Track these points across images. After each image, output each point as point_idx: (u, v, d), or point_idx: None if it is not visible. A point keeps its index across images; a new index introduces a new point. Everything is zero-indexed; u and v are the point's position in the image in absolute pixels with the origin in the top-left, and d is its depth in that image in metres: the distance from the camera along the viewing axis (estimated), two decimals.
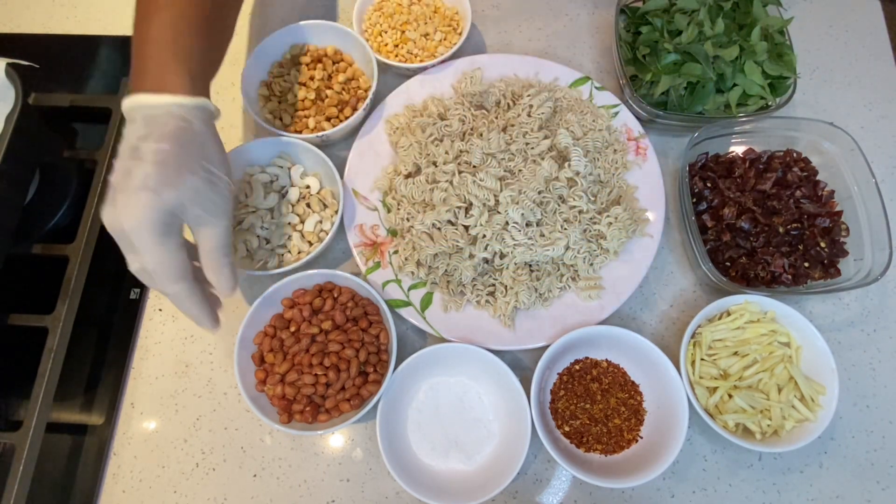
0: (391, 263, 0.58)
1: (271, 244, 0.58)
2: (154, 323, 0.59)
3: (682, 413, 0.50)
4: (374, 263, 0.58)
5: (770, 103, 0.61)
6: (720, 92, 0.61)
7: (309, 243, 0.58)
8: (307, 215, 0.59)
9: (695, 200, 0.60)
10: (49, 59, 0.70)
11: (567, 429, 0.53)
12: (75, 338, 0.54)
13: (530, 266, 0.57)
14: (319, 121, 0.62)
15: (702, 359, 0.54)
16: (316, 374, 0.52)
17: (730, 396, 0.52)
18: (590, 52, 0.70)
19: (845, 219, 0.58)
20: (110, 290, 0.60)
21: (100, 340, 0.58)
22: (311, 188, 0.60)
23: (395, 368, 0.52)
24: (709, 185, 0.60)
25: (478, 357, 0.53)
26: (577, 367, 0.55)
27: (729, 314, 0.55)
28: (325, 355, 0.52)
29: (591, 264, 0.57)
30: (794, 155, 0.61)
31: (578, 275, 0.57)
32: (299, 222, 0.59)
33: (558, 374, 0.55)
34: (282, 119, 0.62)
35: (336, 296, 0.55)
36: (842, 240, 0.58)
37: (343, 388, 0.52)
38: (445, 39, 0.67)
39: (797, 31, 0.68)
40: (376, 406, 0.51)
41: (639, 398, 0.54)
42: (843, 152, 0.58)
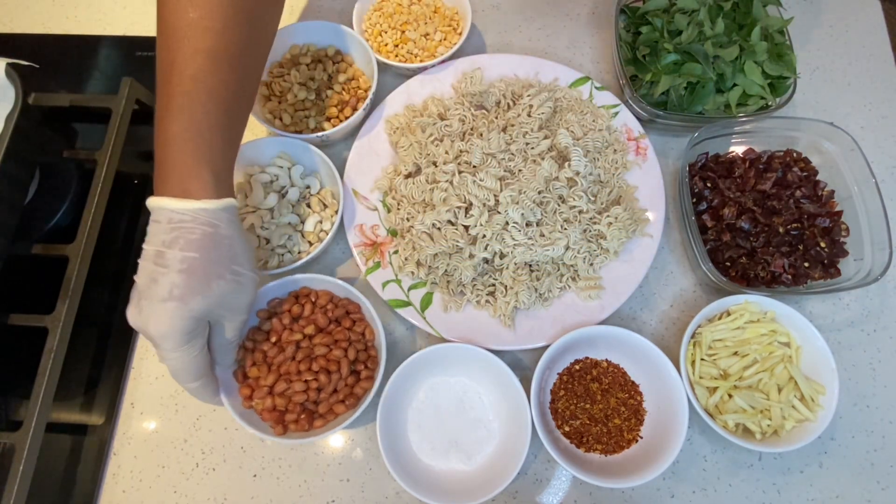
0: (391, 263, 0.58)
1: (271, 244, 0.58)
2: None
3: (682, 413, 0.50)
4: (374, 263, 0.58)
5: (770, 103, 0.61)
6: (720, 92, 0.61)
7: (309, 243, 0.58)
8: (307, 215, 0.59)
9: (695, 200, 0.60)
10: (49, 59, 0.70)
11: (567, 429, 0.53)
12: (75, 338, 0.54)
13: (530, 266, 0.57)
14: (319, 121, 0.62)
15: (702, 359, 0.54)
16: (306, 381, 0.51)
17: (730, 396, 0.52)
18: (590, 52, 0.70)
19: (845, 219, 0.58)
20: (110, 290, 0.60)
21: (100, 340, 0.58)
22: (311, 188, 0.60)
23: (395, 368, 0.52)
24: (709, 185, 0.60)
25: (478, 357, 0.53)
26: (577, 367, 0.55)
27: (729, 314, 0.55)
28: (313, 360, 0.51)
29: (591, 264, 0.57)
30: (794, 155, 0.61)
31: (578, 275, 0.57)
32: (299, 222, 0.59)
33: (558, 374, 0.55)
34: (282, 119, 0.62)
35: (314, 300, 0.55)
36: (842, 240, 0.58)
37: (335, 391, 0.51)
38: (445, 39, 0.67)
39: (797, 31, 0.68)
40: (373, 404, 0.51)
41: (639, 398, 0.54)
42: (843, 152, 0.58)
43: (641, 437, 0.53)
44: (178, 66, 0.44)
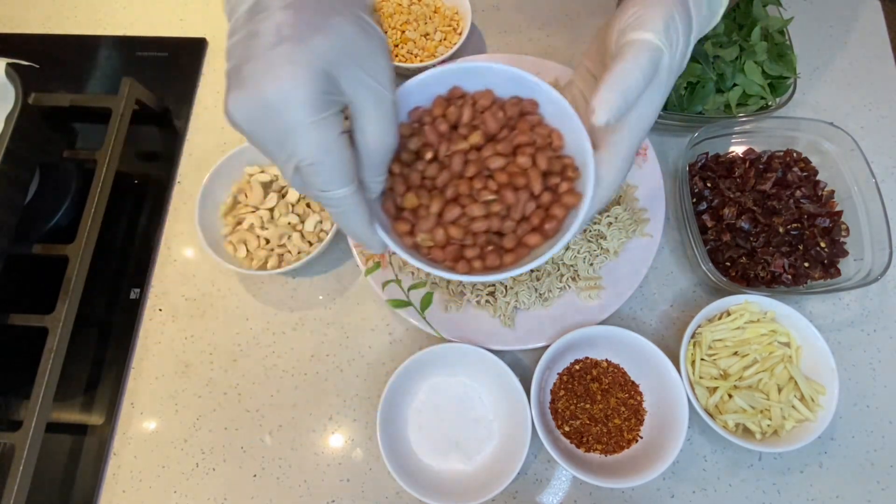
0: (391, 263, 0.58)
1: (271, 244, 0.58)
2: (154, 323, 0.59)
3: (682, 413, 0.50)
4: (374, 263, 0.58)
5: (770, 103, 0.61)
6: (720, 92, 0.61)
7: (309, 243, 0.58)
8: (307, 215, 0.59)
9: (695, 200, 0.60)
10: (49, 59, 0.70)
11: (567, 429, 0.53)
12: (75, 338, 0.54)
13: None
14: None
15: (702, 359, 0.54)
16: (486, 202, 0.38)
17: (730, 396, 0.52)
18: None
19: (845, 219, 0.58)
20: (110, 290, 0.60)
21: (100, 340, 0.58)
22: None
23: (395, 369, 0.52)
24: (709, 185, 0.60)
25: (478, 357, 0.53)
26: (577, 367, 0.55)
27: (729, 314, 0.55)
28: (489, 177, 0.38)
29: (591, 264, 0.57)
30: (794, 155, 0.61)
31: (578, 275, 0.57)
32: (299, 222, 0.59)
33: (558, 374, 0.55)
34: None
35: (472, 103, 0.41)
36: (842, 240, 0.58)
37: (525, 217, 0.39)
38: (445, 39, 0.67)
39: (797, 31, 0.68)
40: (374, 405, 0.51)
41: (639, 398, 0.54)
42: (843, 152, 0.58)
43: (641, 437, 0.53)
44: None
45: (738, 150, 0.62)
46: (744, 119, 0.60)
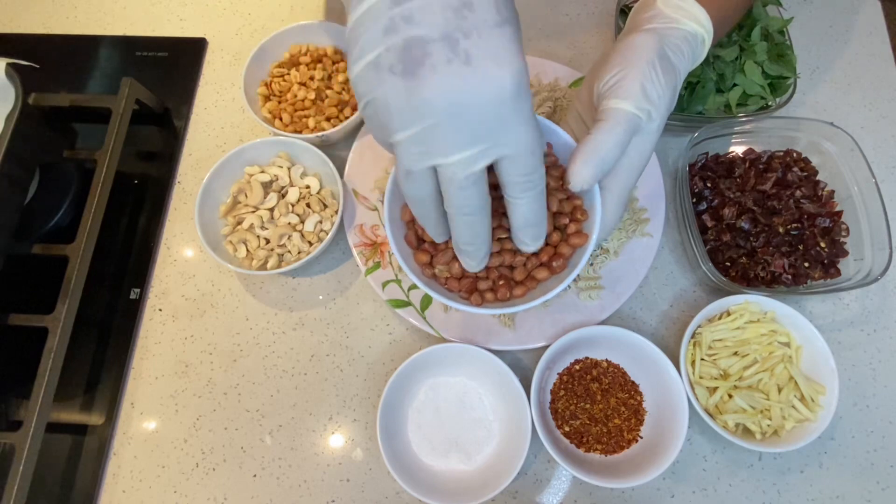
0: (391, 263, 0.58)
1: (271, 244, 0.58)
2: (154, 323, 0.59)
3: (682, 413, 0.50)
4: (374, 263, 0.58)
5: (770, 103, 0.61)
6: (720, 92, 0.61)
7: (309, 243, 0.58)
8: (307, 215, 0.59)
9: (695, 200, 0.60)
10: (49, 59, 0.70)
11: (567, 429, 0.53)
12: (75, 338, 0.54)
13: None
14: (319, 121, 0.62)
15: (702, 359, 0.54)
16: (500, 239, 0.41)
17: (730, 396, 0.52)
18: (590, 52, 0.70)
19: (845, 219, 0.58)
20: (110, 290, 0.60)
21: (100, 340, 0.58)
22: (311, 188, 0.60)
23: (395, 369, 0.52)
24: (709, 185, 0.60)
25: (478, 357, 0.53)
26: (577, 367, 0.55)
27: (729, 314, 0.55)
28: (504, 214, 0.40)
29: (591, 264, 0.57)
30: (794, 155, 0.61)
31: (578, 275, 0.57)
32: (299, 222, 0.59)
33: (558, 374, 0.55)
34: (282, 119, 0.62)
35: None
36: (842, 240, 0.58)
37: (534, 253, 0.42)
38: None
39: (797, 31, 0.68)
40: (374, 405, 0.51)
41: (639, 398, 0.54)
42: (843, 152, 0.58)
43: (641, 437, 0.53)
44: None
45: (738, 150, 0.62)
46: (744, 119, 0.60)
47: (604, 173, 0.41)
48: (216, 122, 0.68)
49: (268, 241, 0.58)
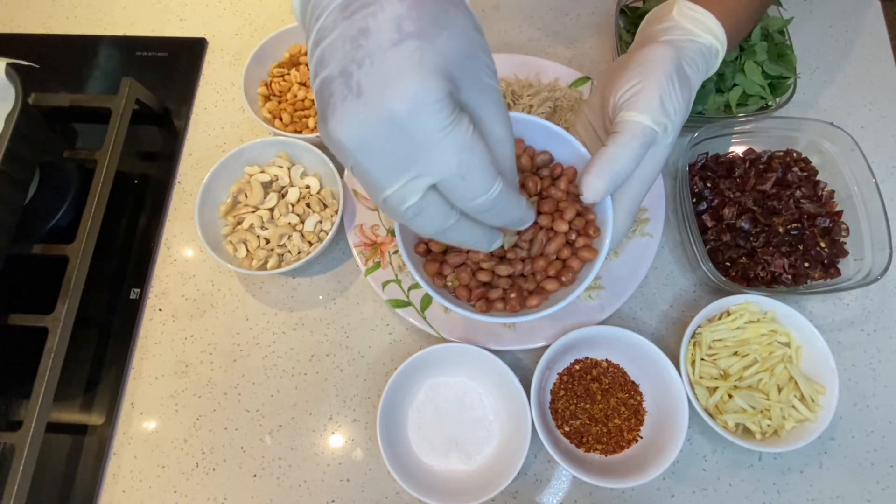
0: (391, 263, 0.58)
1: (271, 244, 0.58)
2: (154, 323, 0.59)
3: (682, 413, 0.50)
4: (374, 263, 0.58)
5: (770, 103, 0.61)
6: (720, 92, 0.61)
7: (309, 243, 0.58)
8: (307, 215, 0.59)
9: (695, 200, 0.60)
10: (49, 59, 0.70)
11: (567, 429, 0.53)
12: (75, 338, 0.54)
13: None
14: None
15: (702, 359, 0.54)
16: (513, 247, 0.42)
17: (730, 396, 0.52)
18: (590, 52, 0.70)
19: (845, 219, 0.58)
20: (110, 290, 0.60)
21: (100, 340, 0.58)
22: (311, 188, 0.60)
23: (395, 369, 0.52)
24: (709, 185, 0.60)
25: (478, 357, 0.53)
26: (577, 367, 0.55)
27: (729, 314, 0.55)
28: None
29: None
30: (794, 155, 0.61)
31: None
32: (299, 222, 0.59)
33: (558, 374, 0.55)
34: (282, 119, 0.62)
35: None
36: (842, 240, 0.58)
37: (545, 262, 0.43)
38: None
39: (797, 31, 0.68)
40: (374, 405, 0.51)
41: (639, 398, 0.54)
42: (843, 152, 0.58)
43: (641, 437, 0.53)
44: None
45: (738, 150, 0.62)
46: (744, 119, 0.60)
47: (617, 186, 0.41)
48: (216, 122, 0.68)
49: (268, 241, 0.58)
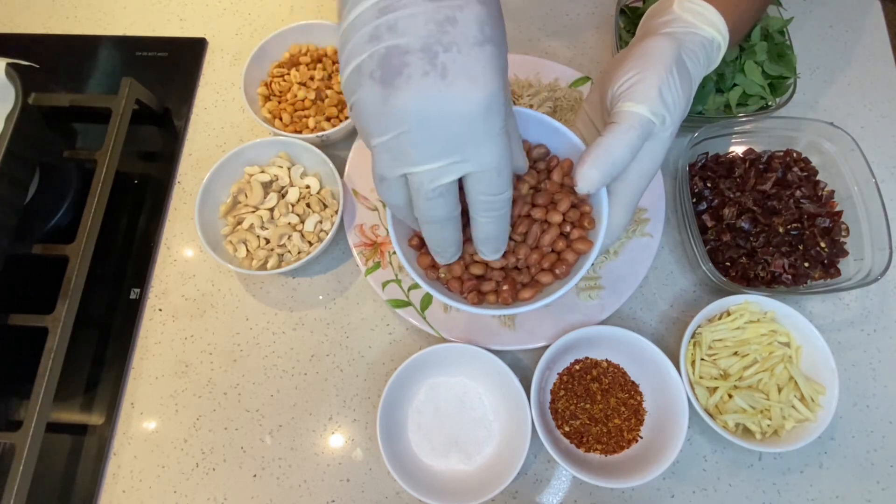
0: (391, 263, 0.58)
1: (271, 244, 0.58)
2: (154, 323, 0.59)
3: (682, 413, 0.50)
4: (374, 263, 0.58)
5: (770, 103, 0.61)
6: (720, 92, 0.61)
7: (309, 243, 0.58)
8: (307, 215, 0.59)
9: (695, 200, 0.60)
10: (49, 59, 0.70)
11: (567, 429, 0.53)
12: (75, 338, 0.54)
13: None
14: (319, 121, 0.62)
15: (702, 359, 0.54)
16: (512, 240, 0.42)
17: (730, 396, 0.52)
18: (590, 52, 0.70)
19: (845, 219, 0.58)
20: (110, 290, 0.60)
21: (100, 340, 0.58)
22: (311, 188, 0.60)
23: (395, 369, 0.52)
24: (709, 185, 0.60)
25: (478, 357, 0.53)
26: (577, 367, 0.55)
27: (729, 314, 0.55)
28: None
29: (592, 264, 0.57)
30: (794, 155, 0.61)
31: None
32: (299, 222, 0.59)
33: (558, 374, 0.55)
34: (282, 119, 0.62)
35: None
36: (842, 240, 0.58)
37: (540, 255, 0.43)
38: None
39: (797, 31, 0.68)
40: (374, 405, 0.51)
41: (639, 398, 0.54)
42: (843, 152, 0.58)
43: (641, 437, 0.53)
44: None
45: (738, 150, 0.62)
46: (744, 119, 0.60)
47: (612, 177, 0.40)
48: (216, 122, 0.68)
49: (268, 241, 0.58)
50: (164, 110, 0.69)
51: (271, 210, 0.59)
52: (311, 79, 0.64)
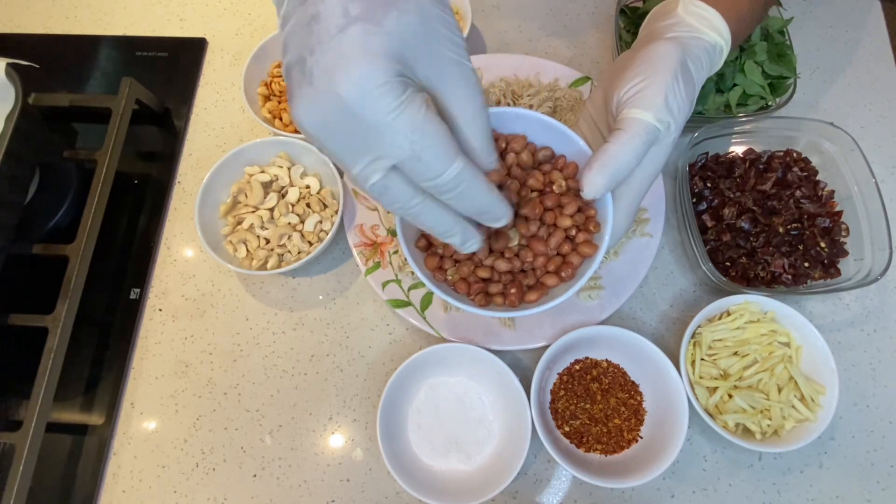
0: (391, 263, 0.58)
1: (271, 244, 0.58)
2: (154, 323, 0.59)
3: (682, 413, 0.50)
4: (374, 263, 0.58)
5: (770, 103, 0.61)
6: (720, 92, 0.61)
7: (309, 243, 0.58)
8: (307, 215, 0.59)
9: (695, 200, 0.60)
10: (49, 59, 0.70)
11: (567, 429, 0.53)
12: (75, 338, 0.54)
13: None
14: None
15: (702, 359, 0.54)
16: (519, 244, 0.42)
17: (730, 396, 0.52)
18: (590, 52, 0.70)
19: (845, 219, 0.58)
20: (110, 290, 0.60)
21: (100, 340, 0.58)
22: (311, 188, 0.60)
23: (395, 369, 0.52)
24: (709, 185, 0.60)
25: (478, 357, 0.53)
26: (577, 367, 0.55)
27: (729, 314, 0.55)
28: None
29: None
30: (794, 155, 0.61)
31: None
32: (299, 222, 0.59)
33: (558, 374, 0.55)
34: (281, 118, 0.62)
35: (504, 145, 0.44)
36: (842, 240, 0.58)
37: (546, 258, 0.43)
38: None
39: (797, 31, 0.68)
40: (374, 405, 0.51)
41: (639, 398, 0.54)
42: (843, 152, 0.58)
43: (641, 437, 0.53)
44: None
45: (738, 150, 0.62)
46: (744, 119, 0.60)
47: (617, 183, 0.41)
48: (216, 122, 0.68)
49: (268, 241, 0.58)
50: (164, 110, 0.68)
51: (271, 210, 0.59)
52: None
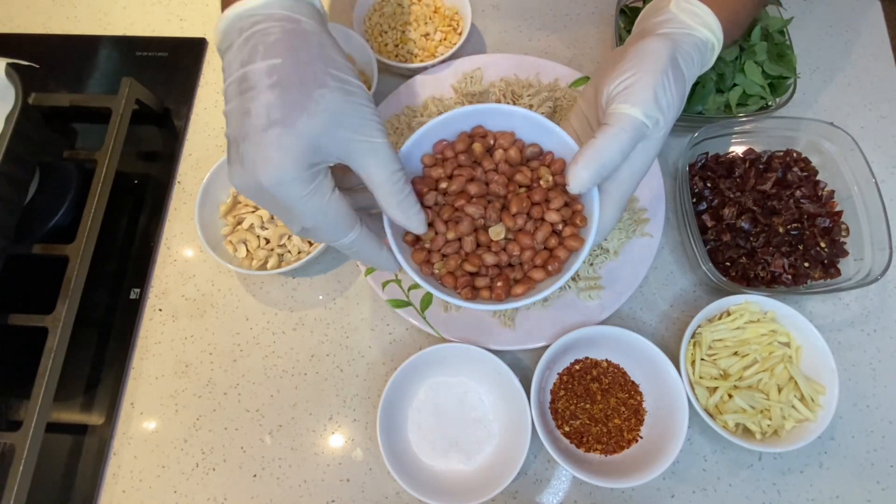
0: None
1: (271, 244, 0.58)
2: (154, 323, 0.59)
3: (682, 413, 0.50)
4: None
5: (770, 103, 0.61)
6: (720, 92, 0.61)
7: (309, 243, 0.58)
8: None
9: (695, 200, 0.60)
10: (49, 59, 0.70)
11: (567, 429, 0.53)
12: (75, 338, 0.54)
13: None
14: None
15: (702, 359, 0.54)
16: (502, 240, 0.44)
17: (730, 396, 0.52)
18: (590, 52, 0.70)
19: (845, 219, 0.58)
20: (110, 290, 0.60)
21: (100, 340, 0.58)
22: None
23: (395, 369, 0.52)
24: (709, 185, 0.60)
25: (478, 357, 0.53)
26: (577, 367, 0.55)
27: (729, 314, 0.55)
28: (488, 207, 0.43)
29: (591, 264, 0.57)
30: (794, 155, 0.61)
31: (578, 274, 0.57)
32: None
33: (558, 374, 0.55)
34: None
35: (493, 142, 0.46)
36: (842, 240, 0.58)
37: (533, 251, 0.44)
38: (445, 39, 0.67)
39: (797, 31, 0.68)
40: (374, 405, 0.51)
41: (639, 398, 0.54)
42: (843, 152, 0.58)
43: (641, 437, 0.53)
44: None
45: (738, 150, 0.62)
46: (744, 119, 0.60)
47: (603, 178, 0.41)
48: (216, 122, 0.68)
49: (268, 241, 0.58)
50: (164, 110, 0.68)
51: None
52: None
